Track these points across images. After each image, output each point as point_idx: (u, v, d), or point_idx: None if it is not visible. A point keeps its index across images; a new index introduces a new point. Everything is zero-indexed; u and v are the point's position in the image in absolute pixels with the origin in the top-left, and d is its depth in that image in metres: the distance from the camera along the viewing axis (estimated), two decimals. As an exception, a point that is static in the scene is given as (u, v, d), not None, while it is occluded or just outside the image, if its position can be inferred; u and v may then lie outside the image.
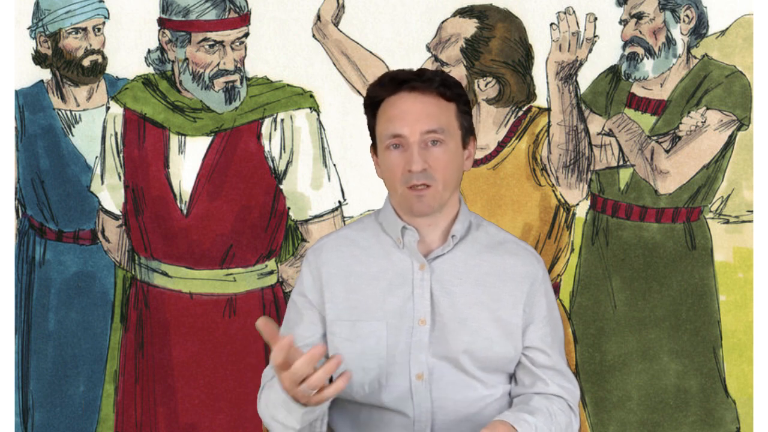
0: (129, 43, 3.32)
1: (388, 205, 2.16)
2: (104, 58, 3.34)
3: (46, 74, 3.38)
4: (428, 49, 3.21)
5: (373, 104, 2.12)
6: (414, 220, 2.12)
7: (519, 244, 2.20)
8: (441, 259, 2.11)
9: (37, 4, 3.34)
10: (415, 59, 3.18)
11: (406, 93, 2.07)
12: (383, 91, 2.10)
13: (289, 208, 3.27)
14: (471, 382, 2.08)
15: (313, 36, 3.26)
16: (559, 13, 3.16)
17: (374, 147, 2.16)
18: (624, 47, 3.17)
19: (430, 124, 2.05)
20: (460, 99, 2.11)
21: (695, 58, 3.17)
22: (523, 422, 1.99)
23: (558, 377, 2.14)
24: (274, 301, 3.28)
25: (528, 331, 2.12)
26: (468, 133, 2.13)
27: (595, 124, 3.20)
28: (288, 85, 3.27)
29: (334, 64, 3.25)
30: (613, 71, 3.19)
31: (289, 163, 3.25)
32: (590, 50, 3.16)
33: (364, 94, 2.19)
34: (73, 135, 3.36)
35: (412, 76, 2.09)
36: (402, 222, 2.11)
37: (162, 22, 3.25)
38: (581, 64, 3.16)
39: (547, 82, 3.18)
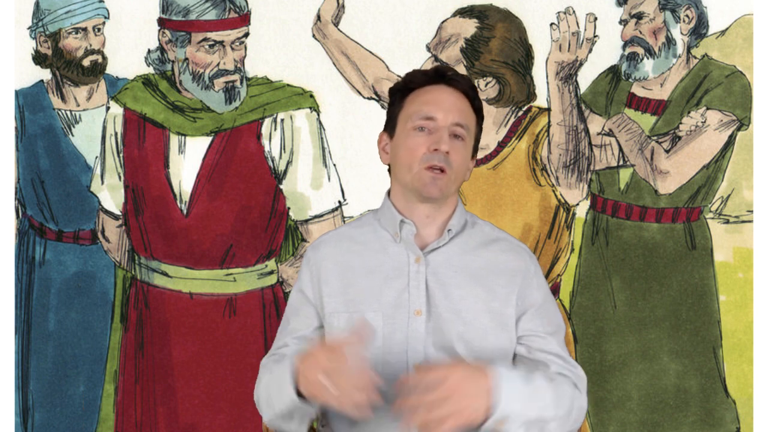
0: (129, 43, 3.32)
1: (387, 201, 2.21)
2: (104, 58, 3.34)
3: (46, 74, 3.38)
4: (428, 49, 3.21)
5: (405, 89, 2.19)
6: (413, 213, 2.16)
7: (512, 242, 2.24)
8: (436, 252, 2.15)
9: (37, 4, 3.34)
10: (415, 59, 3.18)
11: (445, 85, 2.17)
12: (423, 78, 2.19)
13: (289, 208, 3.27)
14: None
15: (313, 36, 3.26)
16: (559, 13, 3.16)
17: (387, 132, 2.21)
18: (624, 47, 3.17)
19: (461, 117, 2.14)
20: (480, 114, 2.22)
21: (695, 58, 3.17)
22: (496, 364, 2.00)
23: (559, 360, 2.14)
24: (274, 301, 3.28)
25: (522, 321, 2.15)
26: (476, 146, 2.22)
27: (595, 124, 3.20)
28: (288, 85, 3.27)
29: (334, 64, 3.25)
30: (613, 71, 3.19)
31: (289, 163, 3.25)
32: (590, 50, 3.16)
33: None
34: (73, 135, 3.36)
35: (453, 73, 2.20)
36: (400, 216, 2.16)
37: (162, 22, 3.25)
38: (581, 64, 3.16)
39: (547, 82, 3.18)
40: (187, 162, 3.27)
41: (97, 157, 3.34)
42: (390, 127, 2.21)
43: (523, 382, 1.97)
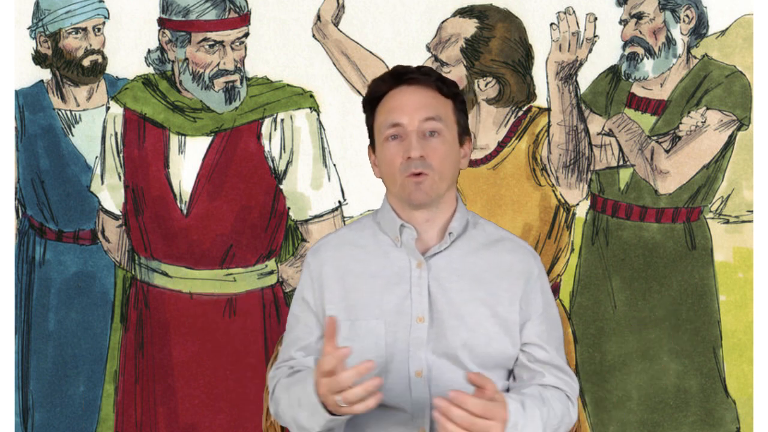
0: (129, 43, 3.32)
1: (386, 204, 2.18)
2: (104, 58, 3.34)
3: (46, 74, 3.38)
4: (428, 49, 3.21)
5: (372, 101, 2.16)
6: (412, 217, 2.13)
7: (516, 242, 2.21)
8: (438, 256, 2.13)
9: (37, 4, 3.34)
10: (415, 59, 3.18)
11: (406, 86, 2.12)
12: (384, 85, 2.14)
13: (289, 208, 3.27)
14: None
15: (313, 36, 3.26)
16: (559, 13, 3.16)
17: (372, 146, 2.19)
18: (624, 47, 3.17)
19: (428, 112, 2.09)
20: (457, 97, 2.16)
21: (695, 58, 3.17)
22: (509, 398, 1.98)
23: (555, 371, 2.14)
24: (274, 301, 3.28)
25: (525, 328, 2.13)
26: (464, 131, 2.17)
27: (595, 124, 3.20)
28: (288, 85, 3.27)
29: (334, 64, 3.25)
30: (613, 71, 3.19)
31: (289, 163, 3.25)
32: (590, 50, 3.16)
33: (365, 93, 2.20)
34: (73, 135, 3.37)
35: (411, 70, 2.14)
36: (400, 220, 2.13)
37: (162, 22, 3.25)
38: (581, 64, 3.16)
39: (547, 82, 3.18)
40: (187, 162, 3.27)
41: (97, 157, 3.34)
42: (372, 141, 2.19)
43: (522, 415, 1.97)
